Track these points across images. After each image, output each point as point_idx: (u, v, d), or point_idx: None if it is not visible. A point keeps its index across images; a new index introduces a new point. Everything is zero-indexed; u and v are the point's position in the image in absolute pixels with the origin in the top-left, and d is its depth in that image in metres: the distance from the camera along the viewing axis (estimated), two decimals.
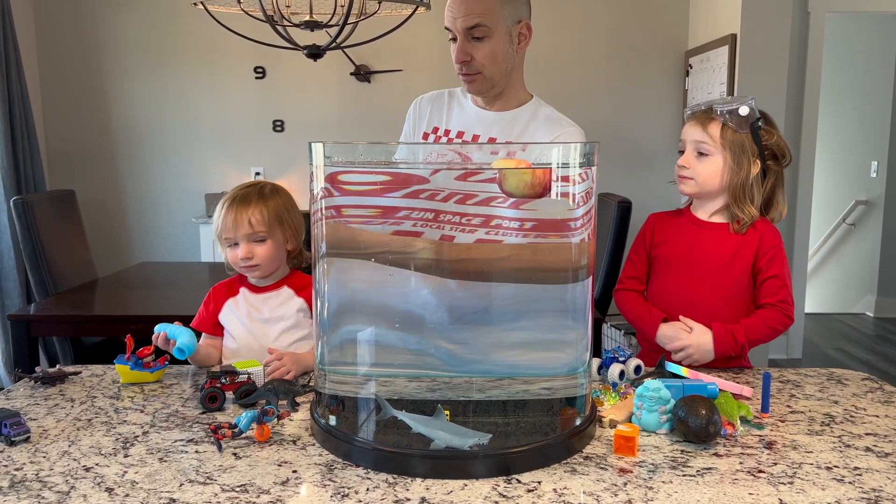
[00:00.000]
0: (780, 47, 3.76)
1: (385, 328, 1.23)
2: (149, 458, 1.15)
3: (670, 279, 1.68)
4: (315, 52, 2.83)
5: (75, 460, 1.14)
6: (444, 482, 1.07)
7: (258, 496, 1.03)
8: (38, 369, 1.51)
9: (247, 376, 1.40)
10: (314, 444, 1.20)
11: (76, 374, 1.56)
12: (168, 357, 1.55)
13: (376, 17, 2.94)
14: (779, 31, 3.75)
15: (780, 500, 1.02)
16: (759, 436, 1.24)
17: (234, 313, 1.68)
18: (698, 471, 1.11)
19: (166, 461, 1.14)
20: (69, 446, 1.20)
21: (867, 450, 1.19)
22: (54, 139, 4.42)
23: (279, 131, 4.45)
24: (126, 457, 1.16)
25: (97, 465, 1.13)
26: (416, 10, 2.78)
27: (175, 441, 1.22)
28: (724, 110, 1.58)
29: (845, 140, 5.55)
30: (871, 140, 5.43)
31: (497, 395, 1.24)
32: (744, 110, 1.57)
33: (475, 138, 1.69)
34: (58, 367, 1.56)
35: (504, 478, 1.08)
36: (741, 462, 1.14)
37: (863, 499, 1.03)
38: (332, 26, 2.85)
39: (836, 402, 1.41)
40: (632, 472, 1.10)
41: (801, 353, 4.50)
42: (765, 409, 1.34)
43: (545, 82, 4.38)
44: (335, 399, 1.26)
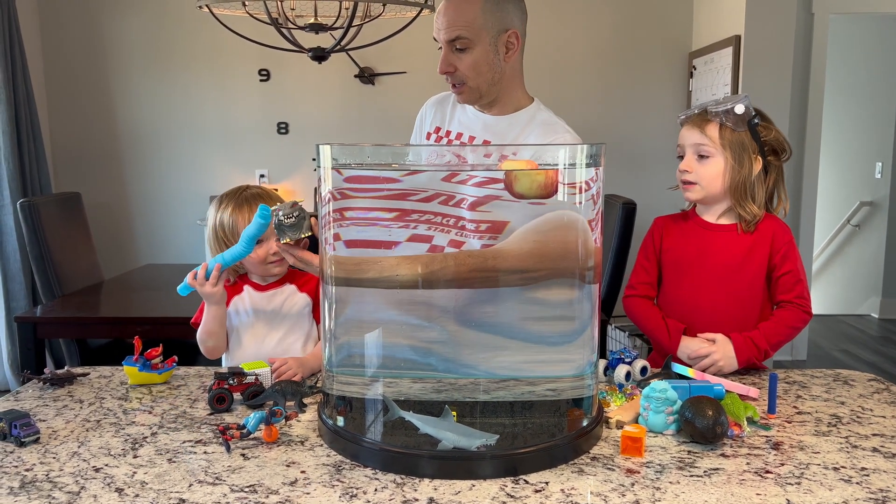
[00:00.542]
0: (784, 48, 3.76)
1: (392, 329, 1.24)
2: (158, 459, 1.15)
3: (682, 285, 1.67)
4: (320, 55, 2.84)
5: (85, 461, 1.15)
6: (451, 482, 1.07)
7: (267, 496, 1.03)
8: (46, 371, 1.52)
9: (254, 377, 1.41)
10: (322, 445, 1.20)
11: (84, 375, 1.57)
12: (175, 358, 1.56)
13: (380, 20, 2.95)
14: (783, 33, 3.75)
15: (788, 500, 1.02)
16: (766, 436, 1.24)
17: (241, 311, 1.69)
18: (705, 471, 1.11)
19: (175, 462, 1.14)
20: (79, 447, 1.20)
21: (874, 450, 1.19)
22: (60, 142, 4.43)
23: (283, 134, 4.46)
24: (135, 457, 1.16)
25: (107, 465, 1.13)
26: (420, 12, 2.79)
27: (184, 442, 1.22)
28: (720, 111, 1.58)
29: (849, 141, 5.54)
30: (875, 141, 5.42)
31: (503, 396, 1.24)
32: (739, 108, 1.57)
33: (471, 140, 1.70)
34: (66, 368, 1.56)
35: (511, 478, 1.08)
36: (748, 463, 1.14)
37: (870, 499, 1.03)
38: (336, 29, 2.86)
39: (842, 403, 1.41)
40: (639, 472, 1.11)
41: (806, 354, 4.50)
42: (771, 409, 1.34)
43: (549, 85, 4.38)
44: (343, 400, 1.26)
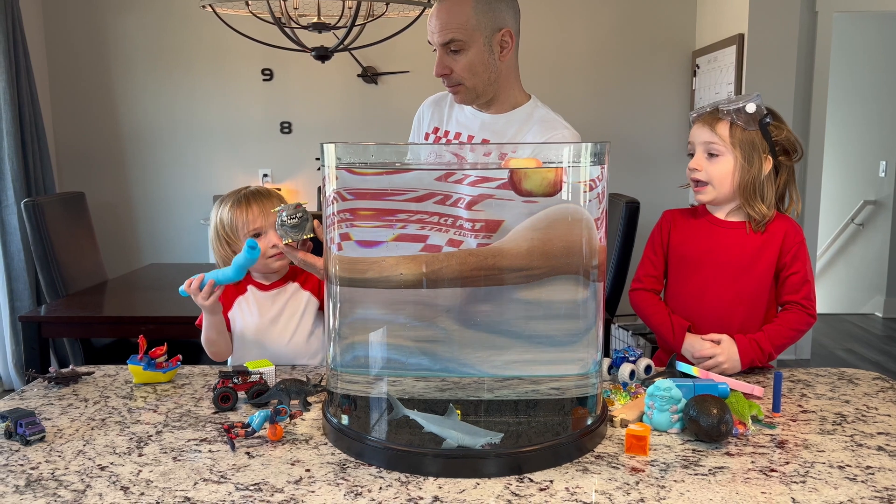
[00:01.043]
0: (787, 47, 3.76)
1: (396, 328, 1.24)
2: (163, 458, 1.16)
3: (689, 280, 1.66)
4: (323, 54, 2.84)
5: (90, 459, 1.15)
6: (456, 481, 1.07)
7: (272, 495, 1.03)
8: (51, 370, 1.52)
9: (259, 376, 1.41)
10: (326, 444, 1.21)
11: (89, 374, 1.57)
12: (180, 357, 1.56)
13: (384, 19, 2.95)
14: (786, 31, 3.75)
15: (793, 498, 1.02)
16: (771, 435, 1.24)
17: (245, 311, 1.69)
18: (710, 470, 1.11)
19: (180, 460, 1.15)
20: (84, 445, 1.21)
21: (879, 449, 1.19)
22: (64, 142, 4.44)
23: (287, 133, 4.46)
24: (140, 456, 1.16)
25: (112, 464, 1.14)
26: (423, 11, 2.79)
27: (188, 440, 1.22)
28: (731, 109, 1.58)
29: (854, 140, 5.53)
30: (879, 140, 5.41)
31: (507, 395, 1.24)
32: (751, 107, 1.56)
33: (470, 139, 1.70)
34: (71, 367, 1.57)
35: (516, 477, 1.08)
36: (753, 461, 1.14)
37: (876, 498, 1.02)
38: (339, 28, 2.86)
39: (847, 402, 1.41)
40: (644, 471, 1.11)
41: (810, 353, 4.49)
42: (776, 408, 1.34)
43: (552, 83, 4.38)
44: (347, 398, 1.26)
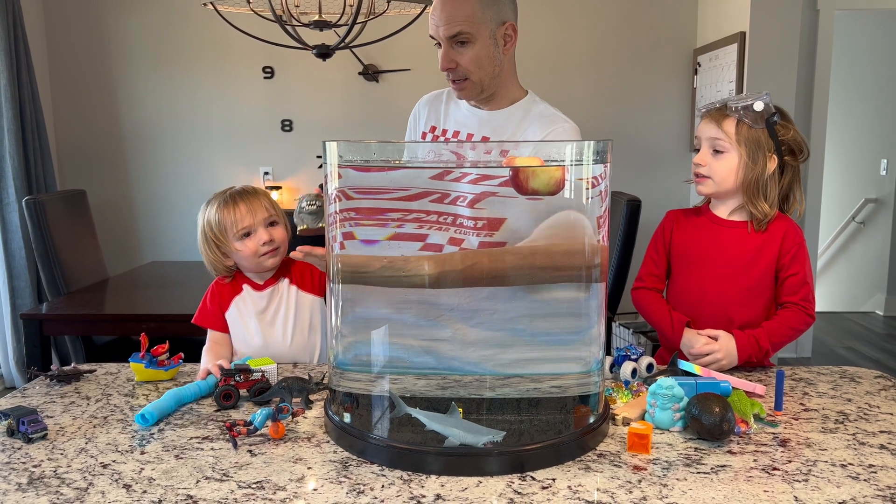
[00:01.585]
0: (789, 45, 3.75)
1: (398, 326, 1.24)
2: (165, 456, 1.16)
3: (690, 278, 1.67)
4: (324, 52, 2.84)
5: (92, 457, 1.15)
6: (458, 479, 1.07)
7: (274, 493, 1.03)
8: (53, 367, 1.52)
9: (261, 374, 1.41)
10: (329, 442, 1.21)
11: (91, 372, 1.57)
12: (182, 355, 1.56)
13: (385, 17, 2.95)
14: (788, 29, 3.74)
15: (796, 497, 1.02)
16: (773, 433, 1.24)
17: (243, 313, 1.69)
18: (712, 468, 1.11)
19: (182, 458, 1.15)
20: (86, 443, 1.21)
21: (882, 447, 1.19)
22: (65, 140, 4.44)
23: (287, 131, 4.46)
24: (142, 454, 1.16)
25: (114, 461, 1.14)
26: (424, 9, 2.79)
27: (191, 438, 1.22)
28: (739, 106, 1.57)
29: (855, 138, 5.52)
30: (880, 138, 5.40)
31: (509, 393, 1.24)
32: (758, 106, 1.56)
33: (469, 137, 1.70)
34: (73, 365, 1.57)
35: (518, 475, 1.08)
36: (755, 460, 1.14)
37: (878, 496, 1.02)
38: (340, 26, 2.86)
39: (849, 400, 1.41)
40: (646, 469, 1.11)
41: (811, 351, 4.49)
42: (778, 406, 1.34)
43: (553, 81, 4.38)
44: (349, 396, 1.26)
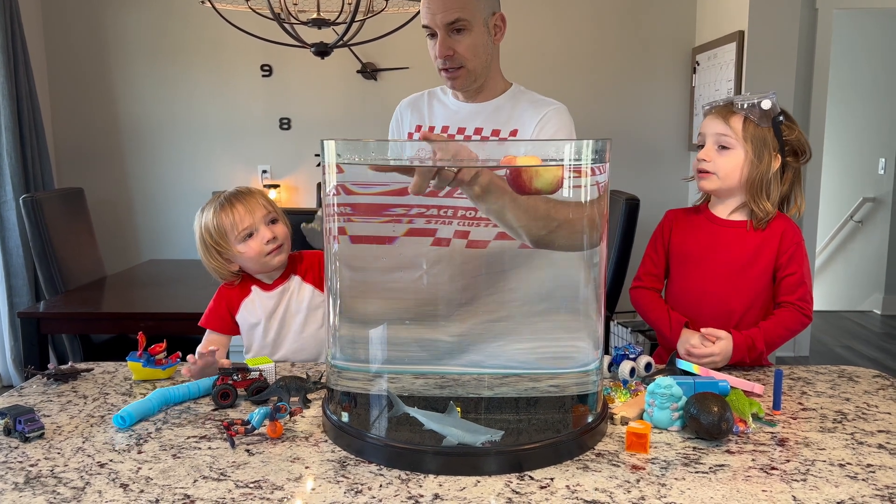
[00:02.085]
0: (788, 44, 3.75)
1: (396, 324, 1.23)
2: (162, 455, 1.15)
3: (689, 278, 1.67)
4: (322, 50, 2.84)
5: (89, 456, 1.15)
6: (456, 479, 1.07)
7: (272, 492, 1.03)
8: (50, 366, 1.52)
9: (258, 373, 1.40)
10: (326, 441, 1.20)
11: (88, 370, 1.56)
12: (179, 354, 1.56)
13: (383, 15, 2.94)
14: (787, 28, 3.74)
15: (794, 496, 1.02)
16: (772, 433, 1.24)
17: (253, 314, 1.69)
18: (711, 468, 1.11)
19: (180, 457, 1.14)
20: (83, 442, 1.20)
21: (880, 447, 1.19)
22: (62, 137, 4.43)
23: (286, 129, 4.45)
24: (140, 453, 1.16)
25: (111, 461, 1.13)
26: None
27: (188, 438, 1.22)
28: (746, 104, 1.58)
29: (853, 137, 5.52)
30: (879, 137, 5.41)
31: (506, 392, 1.24)
32: (766, 104, 1.56)
33: (461, 131, 1.70)
34: (70, 364, 1.56)
35: (517, 474, 1.08)
36: (754, 459, 1.14)
37: (877, 496, 1.02)
38: (339, 24, 2.86)
39: (847, 400, 1.41)
40: (644, 468, 1.10)
41: (809, 350, 4.49)
42: (776, 406, 1.34)
43: (551, 80, 4.38)
44: (347, 396, 1.26)
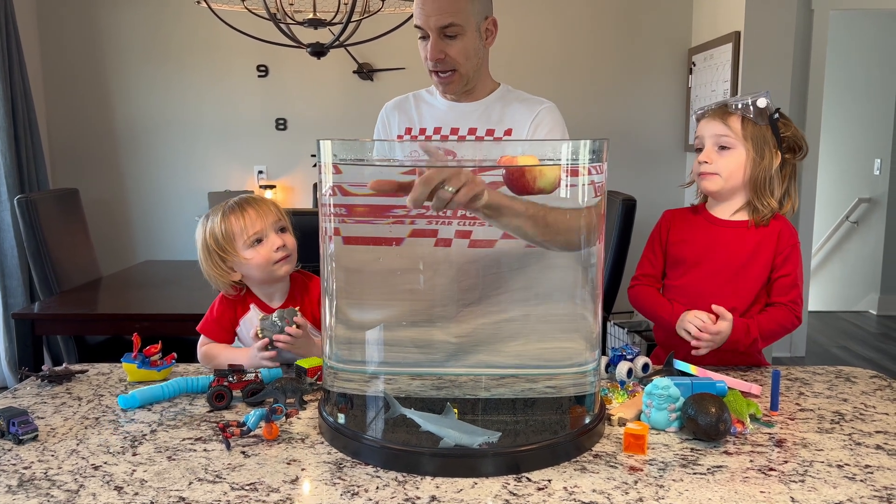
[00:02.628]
0: (783, 45, 3.76)
1: (394, 325, 1.23)
2: (157, 457, 1.15)
3: (687, 278, 1.66)
4: (318, 51, 2.83)
5: (84, 459, 1.14)
6: (453, 480, 1.06)
7: (268, 494, 1.02)
8: (44, 368, 1.51)
9: (255, 374, 1.40)
10: (323, 443, 1.20)
11: (83, 372, 1.56)
12: (174, 355, 1.55)
13: (379, 16, 2.94)
14: (782, 29, 3.75)
15: (792, 497, 1.01)
16: (769, 434, 1.24)
17: (251, 332, 1.63)
18: (709, 469, 1.10)
19: (175, 459, 1.14)
20: (77, 445, 1.19)
21: (878, 447, 1.18)
22: (57, 137, 4.42)
23: (282, 130, 4.44)
24: (134, 455, 1.15)
25: (105, 463, 1.12)
26: None
27: (183, 439, 1.21)
28: (742, 104, 1.58)
29: (849, 138, 5.54)
30: (874, 138, 5.42)
31: (503, 393, 1.23)
32: (762, 102, 1.57)
33: (454, 131, 1.70)
34: (64, 365, 1.55)
35: (514, 476, 1.07)
36: (751, 460, 1.13)
37: (875, 497, 1.02)
38: (335, 24, 2.85)
39: (845, 400, 1.40)
40: (642, 470, 1.10)
41: (805, 350, 4.50)
42: (774, 406, 1.33)
43: (548, 81, 4.37)
44: (343, 397, 1.25)
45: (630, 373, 1.46)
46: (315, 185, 4.26)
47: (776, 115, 1.59)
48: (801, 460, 1.13)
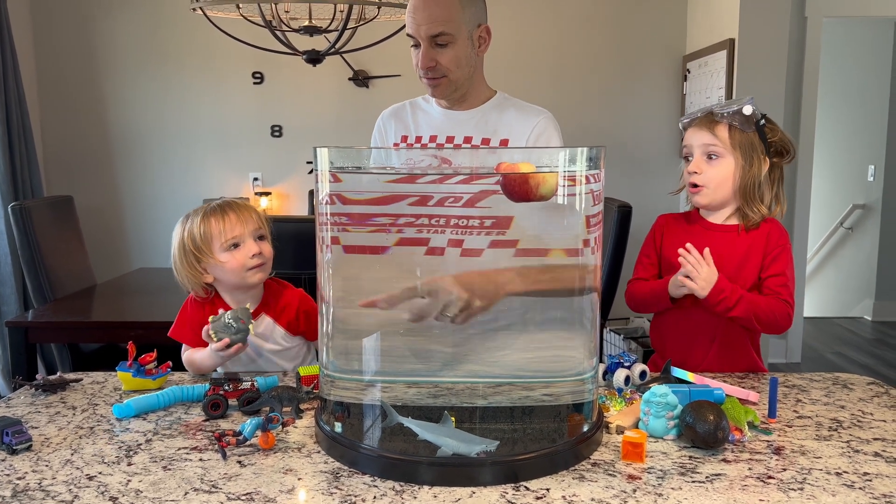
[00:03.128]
0: (777, 52, 3.77)
1: (390, 333, 1.22)
2: (152, 467, 1.14)
3: None
4: (314, 58, 2.83)
5: (78, 469, 1.13)
6: (451, 490, 1.05)
7: None
8: (39, 377, 1.50)
9: (250, 383, 1.39)
10: (319, 452, 1.19)
11: (77, 381, 1.54)
12: (170, 364, 1.54)
13: (375, 23, 2.94)
14: (777, 36, 3.76)
15: None
16: (767, 441, 1.23)
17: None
18: (707, 477, 1.10)
19: (170, 469, 1.13)
20: (72, 455, 1.18)
21: (876, 455, 1.18)
22: (52, 144, 4.40)
23: (277, 136, 4.44)
24: (129, 465, 1.14)
25: (100, 473, 1.11)
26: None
27: (179, 449, 1.20)
28: (728, 112, 1.59)
29: (843, 144, 5.56)
30: (868, 144, 5.44)
31: (501, 401, 1.23)
32: (747, 109, 1.57)
33: (450, 139, 1.70)
34: (58, 374, 1.54)
35: (512, 485, 1.07)
36: (750, 468, 1.13)
37: None
38: (331, 31, 2.85)
39: (842, 407, 1.40)
40: (640, 478, 1.10)
41: (801, 356, 4.50)
42: (772, 414, 1.33)
43: (543, 87, 4.38)
44: (340, 405, 1.25)
45: (627, 380, 1.45)
46: (311, 192, 4.25)
47: (762, 121, 1.60)
48: (800, 468, 1.13)
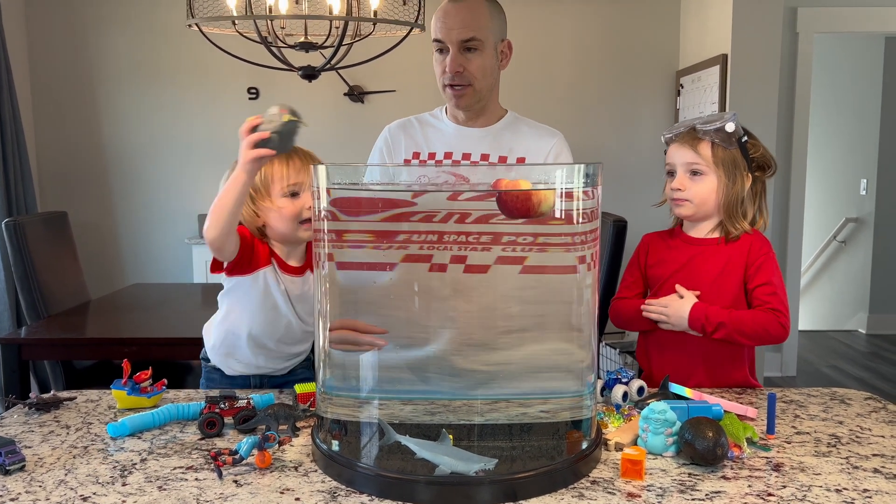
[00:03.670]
0: (770, 67, 3.80)
1: (389, 350, 1.21)
2: (147, 487, 1.12)
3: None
4: (310, 73, 2.83)
5: (72, 489, 1.12)
6: None
7: None
8: (32, 395, 1.48)
9: (246, 401, 1.38)
10: (316, 471, 1.18)
11: (71, 399, 1.53)
12: (165, 382, 1.53)
13: (371, 39, 2.95)
14: (769, 51, 3.79)
15: None
16: (767, 458, 1.23)
17: (269, 284, 1.56)
18: (707, 494, 1.09)
19: (166, 489, 1.11)
20: (65, 475, 1.17)
21: (875, 471, 1.18)
22: (46, 160, 4.39)
23: None
24: (124, 485, 1.13)
25: (95, 493, 1.10)
26: (410, 31, 2.79)
27: (174, 468, 1.19)
28: (711, 129, 1.60)
29: (835, 158, 5.60)
30: (860, 158, 5.48)
31: (498, 418, 1.22)
32: (730, 127, 1.59)
33: (466, 157, 1.70)
34: (52, 392, 1.53)
35: None
36: (749, 485, 1.12)
37: None
38: (326, 47, 2.86)
39: (841, 423, 1.40)
40: (640, 496, 1.09)
41: (796, 370, 4.50)
42: (770, 430, 1.33)
43: (538, 102, 4.40)
44: (337, 424, 1.24)
45: (625, 396, 1.45)
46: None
47: (745, 138, 1.61)
48: (800, 485, 1.13)
